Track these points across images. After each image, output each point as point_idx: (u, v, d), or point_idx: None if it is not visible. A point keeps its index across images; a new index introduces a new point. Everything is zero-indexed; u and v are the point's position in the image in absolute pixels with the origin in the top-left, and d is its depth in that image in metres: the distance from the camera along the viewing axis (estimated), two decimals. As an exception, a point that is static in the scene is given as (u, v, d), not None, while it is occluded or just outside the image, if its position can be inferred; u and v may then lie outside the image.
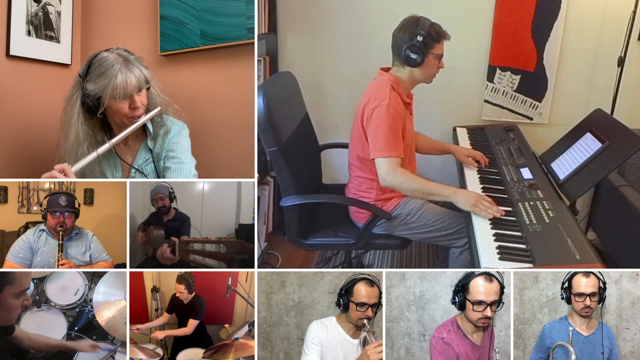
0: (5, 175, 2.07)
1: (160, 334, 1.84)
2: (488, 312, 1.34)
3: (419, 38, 1.96)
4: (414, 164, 2.22)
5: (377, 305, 1.43)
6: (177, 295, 1.86)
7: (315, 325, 1.47)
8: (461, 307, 1.40)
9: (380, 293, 1.45)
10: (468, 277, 1.38)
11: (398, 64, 2.06)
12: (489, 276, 1.37)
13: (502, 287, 1.38)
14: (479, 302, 1.35)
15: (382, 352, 1.32)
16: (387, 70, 2.10)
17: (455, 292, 1.40)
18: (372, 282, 1.44)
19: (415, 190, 1.92)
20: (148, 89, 1.78)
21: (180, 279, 1.84)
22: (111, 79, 1.65)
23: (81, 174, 1.70)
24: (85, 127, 1.73)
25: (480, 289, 1.35)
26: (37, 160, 2.24)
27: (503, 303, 1.40)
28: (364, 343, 1.41)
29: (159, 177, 1.83)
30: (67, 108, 1.75)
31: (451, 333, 1.39)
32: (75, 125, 1.71)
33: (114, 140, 1.72)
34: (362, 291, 1.42)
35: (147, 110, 1.78)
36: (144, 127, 1.82)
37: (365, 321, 1.40)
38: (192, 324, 1.84)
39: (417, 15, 2.02)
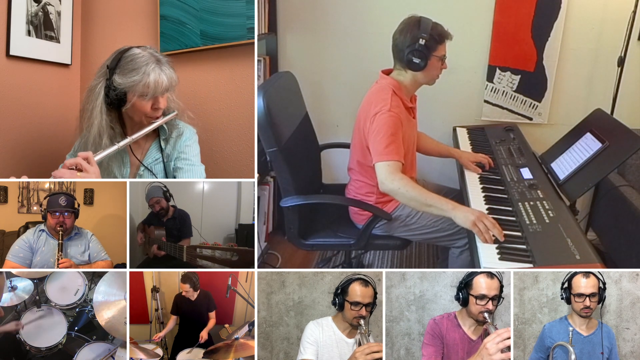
0: (5, 175, 2.07)
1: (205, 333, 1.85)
2: (490, 306, 1.40)
3: (421, 41, 1.89)
4: (414, 171, 2.19)
5: (371, 305, 1.45)
6: (184, 294, 1.86)
7: (312, 325, 1.48)
8: (464, 302, 1.44)
9: (376, 293, 1.46)
10: (471, 275, 1.44)
11: (399, 67, 2.01)
12: (490, 274, 1.43)
13: (501, 285, 1.44)
14: (482, 297, 1.40)
15: (373, 355, 1.30)
16: (388, 72, 2.07)
17: (459, 289, 1.45)
18: (366, 282, 1.45)
19: (412, 198, 1.81)
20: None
21: (185, 278, 1.84)
22: (143, 76, 1.66)
23: None
24: (107, 119, 1.72)
25: (482, 284, 1.41)
26: (37, 160, 2.24)
27: (503, 298, 1.45)
28: (359, 344, 1.41)
29: (167, 177, 1.84)
30: (91, 98, 1.73)
31: (444, 319, 1.46)
32: (98, 117, 1.70)
33: (135, 135, 1.72)
34: (356, 291, 1.43)
35: (164, 114, 1.80)
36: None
37: (361, 321, 1.41)
38: (213, 315, 1.87)
39: (417, 16, 1.96)
